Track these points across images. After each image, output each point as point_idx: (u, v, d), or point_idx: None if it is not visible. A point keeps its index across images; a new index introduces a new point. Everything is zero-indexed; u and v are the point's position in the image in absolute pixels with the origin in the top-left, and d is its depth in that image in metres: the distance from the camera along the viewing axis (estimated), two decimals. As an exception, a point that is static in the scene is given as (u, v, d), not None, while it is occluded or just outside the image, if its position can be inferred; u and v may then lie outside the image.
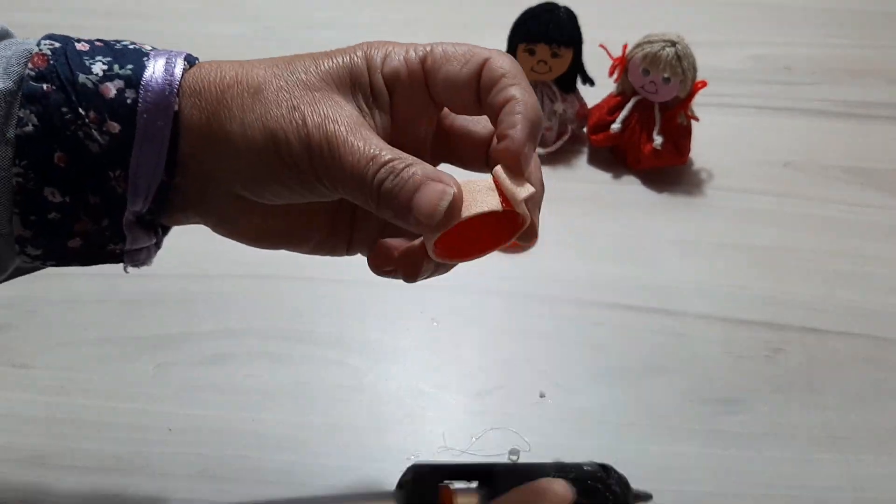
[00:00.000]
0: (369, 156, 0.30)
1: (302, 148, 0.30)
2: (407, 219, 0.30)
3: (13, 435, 0.50)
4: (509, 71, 0.32)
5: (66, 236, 0.33)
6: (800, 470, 0.49)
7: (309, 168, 0.31)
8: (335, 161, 0.30)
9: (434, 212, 0.29)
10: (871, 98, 0.78)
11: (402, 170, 0.30)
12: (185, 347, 0.55)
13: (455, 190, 0.30)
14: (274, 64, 0.33)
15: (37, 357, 0.54)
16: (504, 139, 0.31)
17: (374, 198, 0.30)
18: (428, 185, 0.30)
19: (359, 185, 0.30)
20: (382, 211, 0.30)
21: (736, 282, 0.60)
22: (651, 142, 0.66)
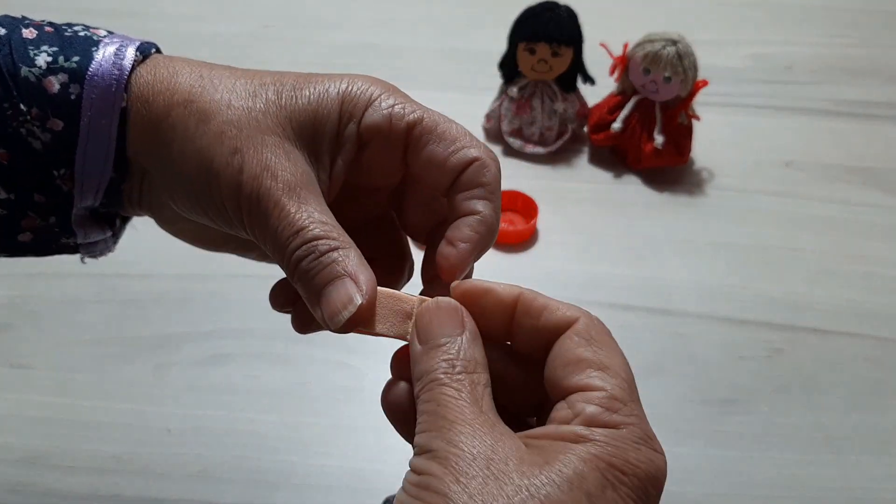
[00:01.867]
0: (297, 227, 0.28)
1: (231, 195, 0.29)
2: (312, 307, 0.29)
3: (13, 435, 0.50)
4: (490, 182, 0.31)
5: (14, 232, 0.32)
6: (800, 470, 0.49)
7: (235, 215, 0.29)
8: (261, 220, 0.29)
9: (335, 317, 0.28)
10: (872, 98, 0.78)
11: (322, 253, 0.28)
12: (185, 348, 0.54)
13: (363, 301, 0.28)
14: (236, 87, 0.30)
15: (36, 357, 0.54)
16: (452, 246, 0.31)
17: (289, 270, 0.29)
18: (342, 284, 0.28)
19: (278, 252, 0.29)
20: (294, 285, 0.29)
21: (736, 282, 0.60)
22: (652, 141, 0.66)
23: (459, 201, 0.31)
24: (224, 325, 0.56)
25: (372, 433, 0.50)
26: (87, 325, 0.56)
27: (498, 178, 0.31)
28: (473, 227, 0.31)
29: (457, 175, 0.31)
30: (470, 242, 0.31)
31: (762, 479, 0.48)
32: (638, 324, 0.57)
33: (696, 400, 0.52)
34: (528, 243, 0.63)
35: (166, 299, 0.57)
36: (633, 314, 0.57)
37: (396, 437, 0.50)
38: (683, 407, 0.52)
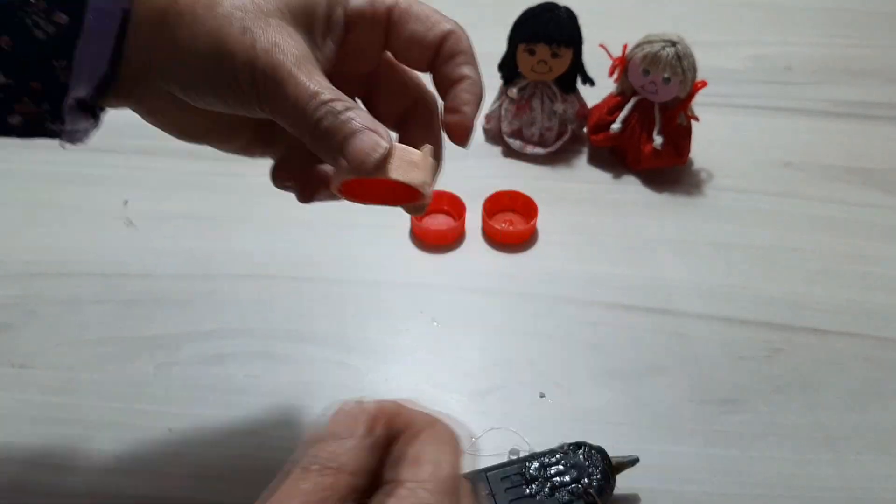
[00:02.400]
0: (311, 92, 0.31)
1: (246, 70, 0.31)
2: (336, 159, 0.31)
3: (13, 435, 0.50)
4: (467, 49, 0.36)
5: (6, 113, 0.34)
6: (799, 470, 0.49)
7: (250, 90, 0.32)
8: (278, 90, 0.31)
9: (365, 160, 0.31)
10: (871, 98, 0.78)
11: (340, 112, 0.31)
12: (186, 347, 0.55)
13: (388, 146, 0.31)
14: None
15: (37, 357, 0.54)
16: (457, 113, 0.35)
17: (310, 132, 0.31)
18: (365, 134, 0.31)
19: (298, 119, 0.31)
20: (315, 146, 0.32)
21: (736, 282, 0.60)
22: (651, 142, 0.66)
23: (449, 70, 0.36)
24: (225, 324, 0.56)
25: (372, 433, 0.50)
26: (87, 324, 0.56)
27: (471, 44, 0.37)
28: (468, 90, 0.36)
29: (437, 48, 0.36)
30: (470, 104, 0.36)
31: (761, 478, 0.48)
32: (637, 324, 0.57)
33: (695, 399, 0.52)
34: (528, 243, 0.63)
35: (167, 299, 0.57)
36: (633, 314, 0.58)
37: (396, 436, 0.50)
38: (683, 406, 0.52)
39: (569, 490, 0.44)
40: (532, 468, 0.44)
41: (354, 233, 0.63)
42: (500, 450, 0.49)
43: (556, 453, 0.45)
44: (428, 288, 0.59)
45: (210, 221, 0.64)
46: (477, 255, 0.62)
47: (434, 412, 0.31)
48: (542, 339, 0.56)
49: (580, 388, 0.53)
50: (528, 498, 0.43)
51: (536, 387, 0.53)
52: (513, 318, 0.57)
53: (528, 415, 0.51)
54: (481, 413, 0.51)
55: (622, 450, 0.47)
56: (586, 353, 0.55)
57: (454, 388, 0.53)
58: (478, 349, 0.55)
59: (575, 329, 0.56)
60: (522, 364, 0.54)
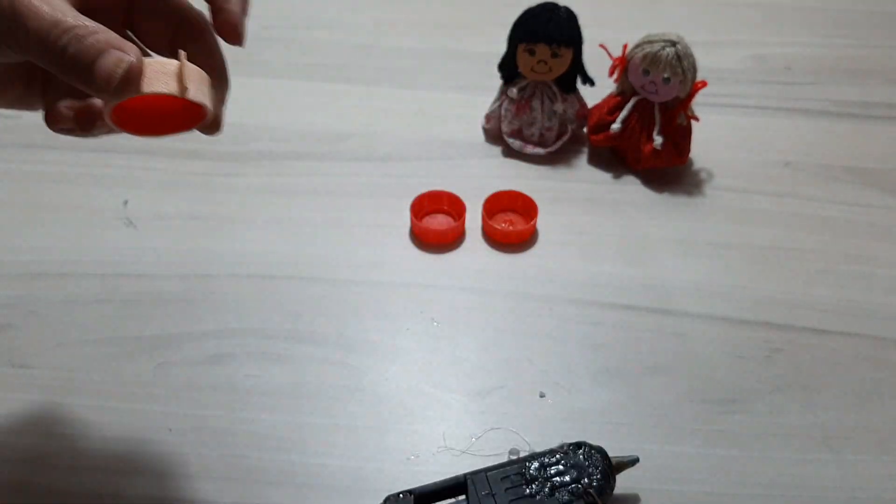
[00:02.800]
0: (53, 21, 0.31)
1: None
2: (88, 84, 0.31)
3: (13, 434, 0.50)
4: None
5: None
6: (799, 470, 0.49)
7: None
8: (19, 25, 0.31)
9: (111, 76, 0.31)
10: (871, 98, 0.78)
11: (84, 36, 0.31)
12: (185, 347, 0.55)
13: (132, 59, 0.31)
14: None
15: (36, 357, 0.54)
16: (222, 12, 0.34)
17: (57, 63, 0.31)
18: (109, 53, 0.31)
19: (43, 50, 0.31)
20: (67, 76, 0.31)
21: (736, 282, 0.60)
22: (651, 142, 0.66)
23: None
24: (224, 324, 0.56)
25: (372, 433, 0.50)
26: (87, 324, 0.56)
27: None
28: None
29: None
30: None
31: (761, 478, 0.48)
32: (637, 323, 0.57)
33: (694, 399, 0.52)
34: (528, 243, 0.63)
35: (167, 299, 0.57)
36: (633, 314, 0.58)
37: (396, 436, 0.50)
38: (682, 406, 0.52)
39: (569, 490, 0.44)
40: (532, 468, 0.44)
41: (354, 233, 0.63)
42: (500, 450, 0.49)
43: (556, 453, 0.45)
44: (428, 288, 0.59)
45: (210, 221, 0.64)
46: (477, 255, 0.62)
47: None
48: (542, 339, 0.56)
49: (580, 388, 0.53)
50: (528, 498, 0.43)
51: (536, 387, 0.53)
52: (513, 318, 0.57)
53: (528, 415, 0.51)
54: (481, 413, 0.51)
55: (622, 450, 0.47)
56: (586, 353, 0.55)
57: (454, 388, 0.53)
58: (478, 349, 0.55)
59: (575, 329, 0.56)
60: (522, 364, 0.54)
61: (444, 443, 0.50)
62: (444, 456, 0.49)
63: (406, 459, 0.49)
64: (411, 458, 0.49)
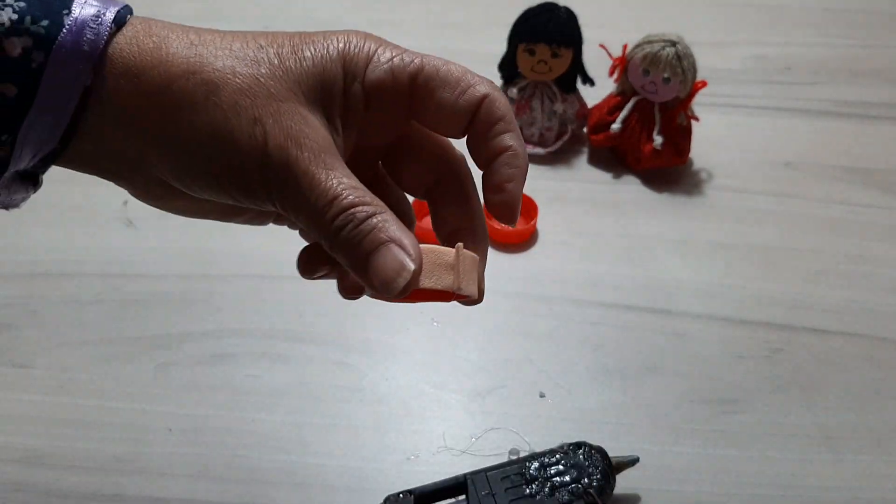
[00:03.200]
0: (331, 195, 0.28)
1: (256, 168, 0.28)
2: (359, 274, 0.28)
3: (13, 435, 0.50)
4: (507, 115, 0.31)
5: None
6: (799, 470, 0.49)
7: (261, 188, 0.28)
8: (292, 190, 0.28)
9: (390, 284, 0.28)
10: (872, 98, 0.78)
11: (362, 221, 0.28)
12: (185, 347, 0.55)
13: (415, 267, 0.28)
14: (235, 53, 0.29)
15: (37, 357, 0.54)
16: (501, 192, 0.31)
17: (328, 240, 0.28)
18: (389, 250, 0.28)
19: (314, 223, 0.28)
20: (336, 255, 0.29)
21: (736, 282, 0.60)
22: (651, 142, 0.66)
23: (486, 141, 0.31)
24: (224, 324, 0.56)
25: (372, 433, 0.50)
26: (87, 324, 0.56)
27: (510, 107, 0.32)
28: (511, 164, 0.31)
29: (471, 115, 0.31)
30: (515, 180, 0.31)
31: (761, 478, 0.48)
32: (637, 323, 0.57)
33: (695, 399, 0.52)
34: (528, 243, 0.63)
35: (167, 299, 0.57)
36: (633, 314, 0.58)
37: (396, 436, 0.50)
38: (682, 406, 0.52)
39: (569, 490, 0.44)
40: (532, 468, 0.44)
41: (354, 233, 0.63)
42: (500, 450, 0.49)
43: (556, 453, 0.45)
44: (428, 288, 0.59)
45: (210, 221, 0.64)
46: (477, 255, 0.62)
47: None
48: (542, 339, 0.56)
49: (580, 388, 0.53)
50: (528, 498, 0.43)
51: (536, 387, 0.53)
52: (513, 318, 0.57)
53: (528, 415, 0.51)
54: (481, 413, 0.51)
55: (622, 450, 0.47)
56: (586, 353, 0.55)
57: (454, 388, 0.53)
58: (478, 349, 0.55)
59: (575, 329, 0.56)
60: (522, 364, 0.54)
61: (444, 443, 0.50)
62: (444, 456, 0.49)
63: (406, 459, 0.49)
64: (411, 458, 0.49)
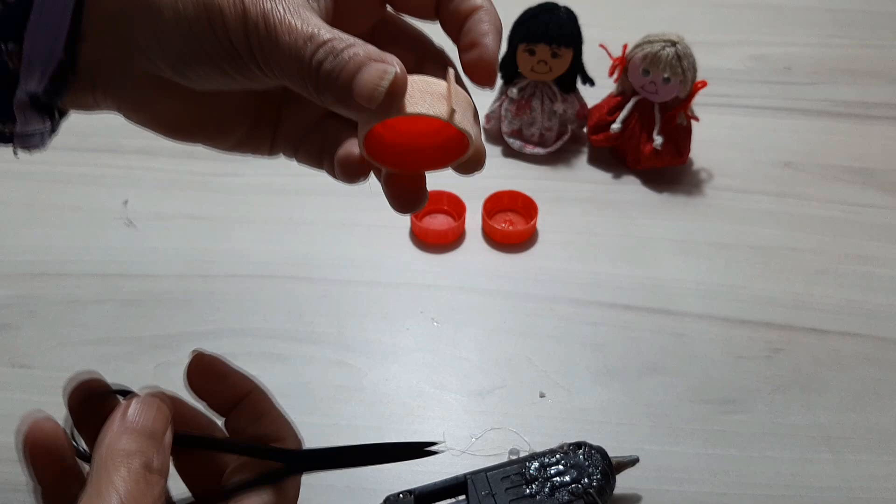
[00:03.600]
0: (307, 34, 0.28)
1: (237, 24, 0.28)
2: (347, 102, 0.28)
3: (13, 435, 0.50)
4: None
5: None
6: (799, 470, 0.49)
7: (244, 47, 0.29)
8: (271, 39, 0.28)
9: (375, 91, 0.27)
10: (871, 98, 0.78)
11: (341, 50, 0.28)
12: (186, 347, 0.54)
13: (397, 70, 0.28)
14: None
15: (37, 357, 0.54)
16: (477, 47, 0.31)
17: (312, 81, 0.28)
18: (370, 65, 0.28)
19: (296, 67, 0.28)
20: (322, 95, 0.29)
21: (736, 282, 0.60)
22: (651, 142, 0.66)
23: (454, 10, 0.31)
24: (224, 324, 0.56)
25: (372, 432, 0.50)
26: (87, 324, 0.56)
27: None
28: (484, 19, 0.31)
29: None
30: (489, 35, 0.31)
31: (761, 478, 0.48)
32: (637, 323, 0.57)
33: (695, 399, 0.52)
34: (528, 243, 0.63)
35: (167, 299, 0.57)
36: (633, 314, 0.58)
37: (396, 436, 0.50)
38: (682, 406, 0.52)
39: (569, 490, 0.44)
40: (532, 468, 0.44)
41: (354, 233, 0.63)
42: (500, 450, 0.49)
43: (556, 453, 0.45)
44: (428, 288, 0.59)
45: (210, 221, 0.64)
46: (477, 255, 0.62)
47: None
48: (542, 339, 0.56)
49: (580, 388, 0.53)
50: (528, 498, 0.43)
51: (536, 386, 0.53)
52: (513, 318, 0.57)
53: (528, 415, 0.51)
54: (481, 413, 0.51)
55: (622, 450, 0.47)
56: (586, 353, 0.55)
57: (454, 388, 0.53)
58: (478, 349, 0.55)
59: (575, 329, 0.57)
60: (522, 364, 0.54)
61: (444, 443, 0.50)
62: (444, 456, 0.49)
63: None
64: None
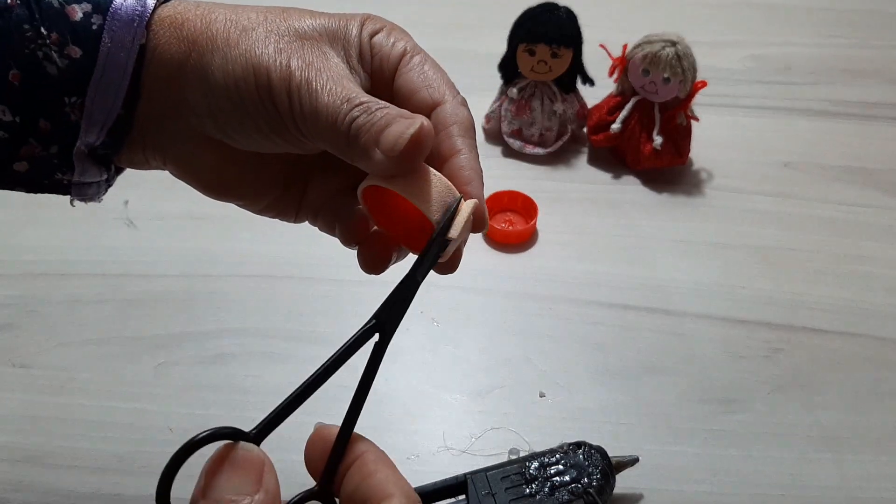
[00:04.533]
0: (345, 97, 0.30)
1: (282, 86, 0.30)
2: (371, 153, 0.29)
3: (14, 434, 0.50)
4: (464, 121, 0.32)
5: (12, 158, 0.32)
6: (798, 469, 0.49)
7: (285, 108, 0.30)
8: (312, 101, 0.30)
9: (399, 139, 0.29)
10: (871, 98, 0.79)
11: (375, 109, 0.30)
12: (186, 347, 0.55)
13: (424, 122, 0.29)
14: (267, 11, 0.33)
15: (37, 357, 0.54)
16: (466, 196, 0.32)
17: (343, 135, 0.30)
18: (399, 121, 0.29)
19: (331, 124, 0.30)
20: (352, 148, 0.30)
21: (735, 282, 0.60)
22: (651, 142, 0.66)
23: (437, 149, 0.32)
24: (225, 324, 0.56)
25: (372, 432, 0.50)
26: (88, 324, 0.56)
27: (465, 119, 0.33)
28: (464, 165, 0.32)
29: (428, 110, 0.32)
30: (474, 181, 0.32)
31: (760, 477, 0.48)
32: (637, 323, 0.57)
33: (694, 399, 0.52)
34: (528, 243, 0.63)
35: (168, 299, 0.58)
36: (633, 314, 0.58)
37: (397, 436, 0.50)
38: (682, 406, 0.52)
39: (569, 490, 0.44)
40: (532, 468, 0.45)
41: (354, 233, 0.63)
42: (500, 449, 0.49)
43: (556, 453, 0.45)
44: (428, 288, 0.59)
45: (210, 221, 0.64)
46: (477, 255, 0.62)
47: None
48: (541, 339, 0.56)
49: (580, 388, 0.53)
50: (527, 497, 0.43)
51: (536, 386, 0.53)
52: (513, 317, 0.57)
53: (528, 414, 0.51)
54: (481, 413, 0.51)
55: (622, 449, 0.47)
56: (586, 353, 0.55)
57: (454, 388, 0.53)
58: (478, 349, 0.55)
59: (575, 329, 0.57)
60: (522, 364, 0.54)
61: (444, 443, 0.50)
62: (444, 456, 0.49)
63: (406, 459, 0.49)
64: (411, 458, 0.49)
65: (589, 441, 0.46)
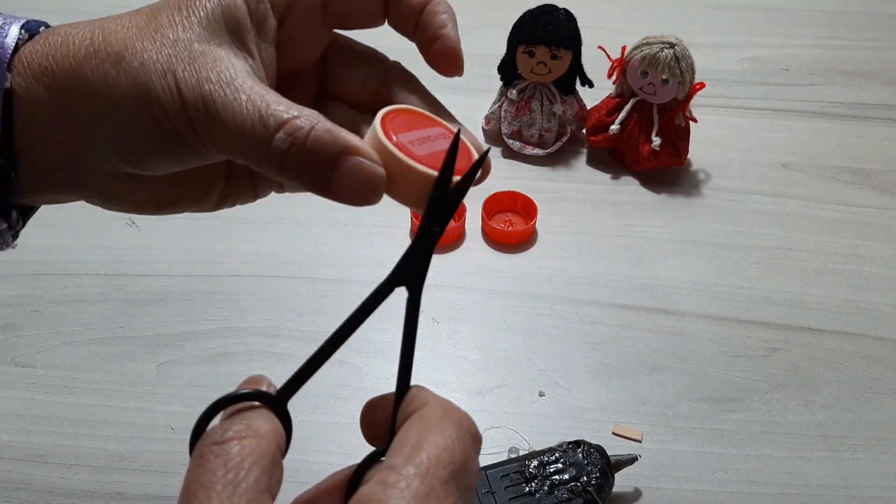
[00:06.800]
0: (255, 115, 0.27)
1: (179, 115, 0.28)
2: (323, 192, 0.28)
3: (16, 433, 0.50)
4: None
5: None
6: (796, 468, 0.49)
7: (189, 132, 0.28)
8: (216, 122, 0.27)
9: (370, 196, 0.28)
10: (869, 99, 0.79)
11: (304, 137, 0.27)
12: (188, 346, 0.55)
13: (381, 172, 0.28)
14: (133, 21, 0.29)
15: (40, 356, 0.54)
16: (439, 39, 0.31)
17: (275, 164, 0.27)
18: (345, 161, 0.27)
19: (249, 148, 0.28)
20: (291, 181, 0.28)
21: (733, 281, 0.60)
22: (650, 143, 0.67)
23: (406, 7, 0.31)
24: (226, 323, 0.56)
25: (373, 431, 0.50)
26: (90, 323, 0.56)
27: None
28: (439, 10, 0.31)
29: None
30: (448, 25, 0.31)
31: (759, 476, 0.49)
32: (636, 323, 0.57)
33: (693, 398, 0.53)
34: (528, 244, 0.63)
35: (169, 298, 0.58)
36: (632, 314, 0.58)
37: (397, 435, 0.50)
38: (681, 405, 0.52)
39: (568, 488, 0.44)
40: (531, 466, 0.45)
41: (354, 233, 0.63)
42: (500, 448, 0.49)
43: (556, 452, 0.46)
44: (428, 288, 0.59)
45: (211, 221, 0.64)
46: (477, 255, 0.62)
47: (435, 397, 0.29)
48: (541, 339, 0.56)
49: (579, 387, 0.53)
50: (527, 496, 0.44)
51: (536, 385, 0.53)
52: (512, 317, 0.58)
53: (528, 413, 0.52)
54: (481, 412, 0.52)
55: (621, 448, 0.48)
56: (585, 352, 0.55)
57: (454, 387, 0.53)
58: (477, 348, 0.56)
59: (574, 328, 0.57)
60: (522, 363, 0.55)
61: (444, 441, 0.50)
62: (445, 454, 0.49)
63: (407, 457, 0.49)
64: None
65: (588, 440, 0.46)
